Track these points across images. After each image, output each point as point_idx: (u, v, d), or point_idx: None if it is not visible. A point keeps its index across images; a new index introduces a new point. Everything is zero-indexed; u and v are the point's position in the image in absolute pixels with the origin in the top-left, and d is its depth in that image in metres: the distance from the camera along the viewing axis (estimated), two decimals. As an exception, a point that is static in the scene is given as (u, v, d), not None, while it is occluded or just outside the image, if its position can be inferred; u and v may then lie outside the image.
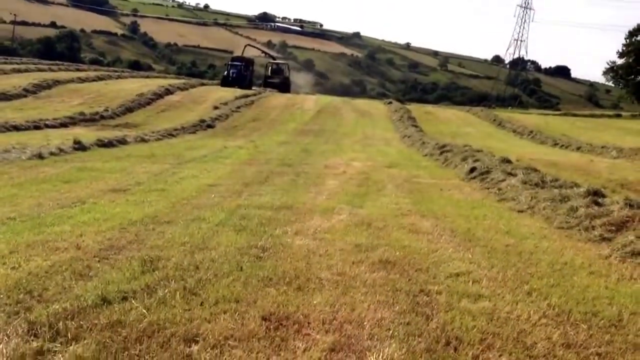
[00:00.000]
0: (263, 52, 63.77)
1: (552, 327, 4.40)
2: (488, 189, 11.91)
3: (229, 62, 53.17)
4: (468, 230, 7.82)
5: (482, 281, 5.44)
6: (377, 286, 5.10)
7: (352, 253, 6.23)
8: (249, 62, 53.22)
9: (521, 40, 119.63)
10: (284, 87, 51.36)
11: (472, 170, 13.83)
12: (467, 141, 22.92)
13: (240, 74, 49.95)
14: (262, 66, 58.34)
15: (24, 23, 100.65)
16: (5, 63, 44.07)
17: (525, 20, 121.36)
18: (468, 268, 5.86)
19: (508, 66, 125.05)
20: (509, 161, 14.70)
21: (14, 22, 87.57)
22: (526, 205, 9.88)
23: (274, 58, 61.97)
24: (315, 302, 4.58)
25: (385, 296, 4.83)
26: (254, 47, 65.53)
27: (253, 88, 49.27)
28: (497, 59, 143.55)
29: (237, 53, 57.17)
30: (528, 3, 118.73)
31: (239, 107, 32.52)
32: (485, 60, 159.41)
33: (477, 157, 15.49)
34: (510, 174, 12.69)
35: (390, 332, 4.06)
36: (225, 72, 51.42)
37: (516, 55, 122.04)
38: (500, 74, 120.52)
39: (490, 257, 6.39)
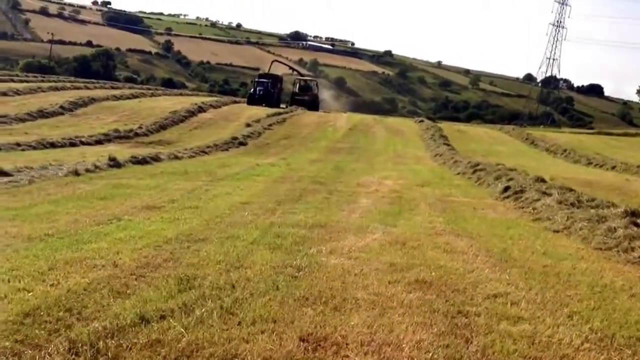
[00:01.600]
0: (291, 68, 61.09)
1: (596, 352, 4.28)
2: (522, 208, 11.74)
3: (256, 79, 51.17)
4: (504, 250, 7.70)
5: (521, 303, 5.33)
6: (414, 307, 5.03)
7: (388, 273, 6.17)
8: (276, 79, 50.89)
9: (553, 59, 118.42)
10: (313, 104, 49.72)
11: (506, 189, 13.66)
12: (500, 160, 22.66)
13: (267, 91, 48.02)
14: (291, 84, 56.00)
15: (61, 42, 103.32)
16: (43, 81, 45.23)
17: (557, 39, 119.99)
18: (506, 289, 5.76)
19: (540, 84, 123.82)
20: (543, 180, 14.48)
21: (51, 41, 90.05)
22: (562, 225, 9.70)
23: (301, 75, 59.67)
24: (352, 322, 4.53)
25: (422, 317, 4.76)
26: (282, 62, 62.46)
27: (281, 106, 48.18)
28: (529, 77, 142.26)
29: (265, 70, 55.43)
30: (560, 22, 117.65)
31: (270, 125, 32.72)
32: (517, 79, 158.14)
33: (511, 176, 15.30)
34: (544, 193, 12.48)
35: (430, 354, 3.99)
36: (252, 90, 49.66)
37: (548, 74, 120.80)
38: (532, 92, 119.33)
39: (528, 279, 6.27)
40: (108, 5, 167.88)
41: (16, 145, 17.23)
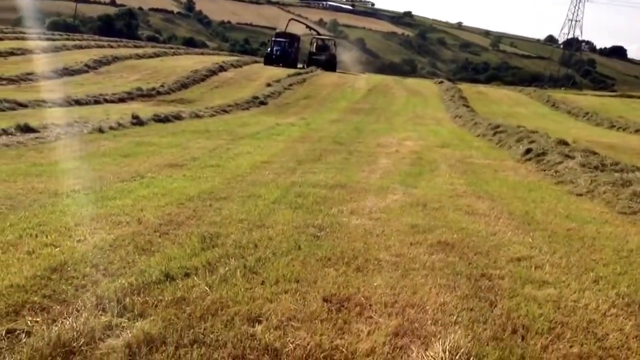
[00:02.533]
0: (308, 26, 58.20)
1: (623, 317, 4.24)
2: (544, 171, 11.62)
3: (273, 39, 48.96)
4: (526, 213, 7.63)
5: (545, 267, 5.29)
6: (436, 269, 5.02)
7: (409, 234, 6.15)
8: (294, 39, 48.73)
9: (576, 20, 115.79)
10: (330, 64, 48.07)
11: (528, 151, 13.51)
12: (520, 122, 22.37)
13: (284, 51, 46.30)
14: (309, 43, 53.74)
15: (86, 1, 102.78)
16: (68, 39, 45.28)
17: (580, 0, 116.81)
18: (529, 253, 5.71)
19: (562, 46, 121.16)
20: (565, 143, 14.28)
21: (76, 0, 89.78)
22: (585, 188, 9.59)
23: (319, 33, 57.03)
24: (375, 284, 4.54)
25: (446, 280, 4.75)
26: (299, 21, 58.96)
27: (298, 66, 46.81)
28: (551, 39, 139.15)
29: (281, 28, 52.71)
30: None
31: (291, 85, 32.51)
32: (538, 41, 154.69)
33: (533, 139, 15.10)
34: (567, 156, 12.35)
35: (454, 317, 3.98)
36: (269, 49, 47.87)
37: (570, 36, 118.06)
38: (553, 54, 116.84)
39: (552, 242, 6.21)
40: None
41: (42, 102, 17.35)
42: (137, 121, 14.70)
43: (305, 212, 6.77)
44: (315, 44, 51.68)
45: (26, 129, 11.60)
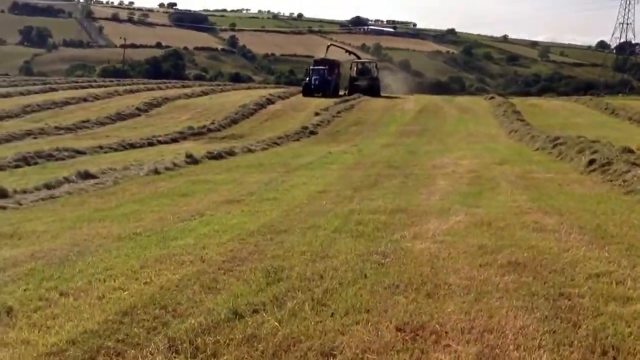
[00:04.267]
0: (347, 51, 55.47)
1: None
2: (611, 181, 11.18)
3: (311, 67, 45.67)
4: (598, 226, 7.31)
5: (627, 282, 5.02)
6: (511, 291, 4.81)
7: (477, 255, 5.95)
8: (333, 65, 45.82)
9: (627, 23, 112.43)
10: (373, 89, 45.25)
11: (591, 162, 13.02)
12: (579, 132, 21.64)
13: (323, 79, 42.92)
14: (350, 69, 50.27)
15: (133, 45, 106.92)
16: (119, 85, 46.88)
17: (629, 2, 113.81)
18: (608, 268, 5.43)
19: (615, 51, 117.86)
20: (630, 151, 13.75)
21: (123, 46, 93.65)
22: (658, 197, 9.14)
23: (359, 57, 54.03)
24: (448, 309, 4.37)
25: (522, 301, 4.54)
26: (338, 46, 56.71)
27: (340, 93, 44.58)
28: (602, 45, 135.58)
29: (320, 55, 49.88)
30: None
31: (339, 112, 32.60)
32: (589, 47, 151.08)
33: (595, 148, 14.58)
34: (634, 164, 11.86)
35: (537, 341, 3.78)
36: (307, 79, 44.28)
37: (623, 39, 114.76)
38: (606, 60, 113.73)
39: (630, 255, 5.90)
40: (174, 7, 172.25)
41: (99, 148, 17.91)
42: (192, 160, 14.95)
43: (367, 240, 6.66)
44: (355, 69, 48.88)
45: (86, 175, 11.94)
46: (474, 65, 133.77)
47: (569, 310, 4.34)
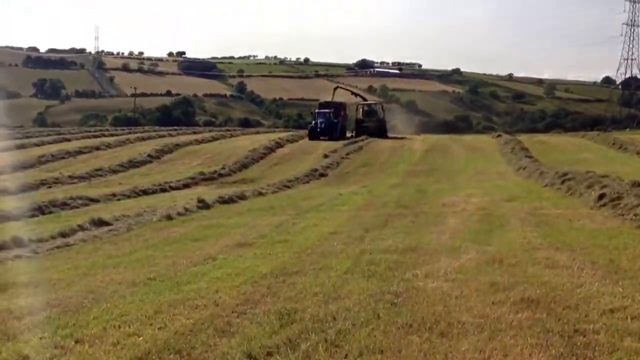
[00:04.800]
0: (353, 93, 55.78)
1: None
2: (622, 215, 11.16)
3: (316, 110, 45.31)
4: (610, 261, 7.30)
5: (642, 317, 4.98)
6: (525, 328, 4.80)
7: (490, 293, 5.96)
8: (339, 107, 45.56)
9: (632, 59, 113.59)
10: (380, 130, 45.10)
11: (601, 197, 13.01)
12: (588, 167, 21.62)
13: (329, 122, 42.62)
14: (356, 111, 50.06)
15: (144, 94, 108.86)
16: (131, 133, 47.56)
17: (633, 38, 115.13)
18: (622, 303, 5.42)
19: (620, 87, 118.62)
20: (640, 185, 13.71)
21: (134, 95, 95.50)
22: (671, 230, 9.11)
23: (364, 99, 54.38)
24: (462, 348, 4.37)
25: (536, 339, 4.53)
26: (344, 88, 56.67)
27: (346, 135, 44.37)
28: (608, 80, 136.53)
29: (326, 98, 49.59)
30: (634, 20, 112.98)
31: (348, 154, 32.82)
32: (595, 83, 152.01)
33: (604, 183, 14.58)
34: (645, 198, 11.81)
35: (553, 378, 3.77)
36: (313, 122, 44.11)
37: (628, 75, 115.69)
38: (612, 95, 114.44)
39: (644, 290, 5.87)
40: (183, 55, 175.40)
41: (112, 196, 18.10)
42: (203, 205, 15.07)
43: (379, 280, 6.68)
44: (361, 111, 48.75)
45: (100, 222, 12.08)
46: (481, 104, 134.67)
47: (585, 347, 4.33)
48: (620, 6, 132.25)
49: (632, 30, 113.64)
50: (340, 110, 45.41)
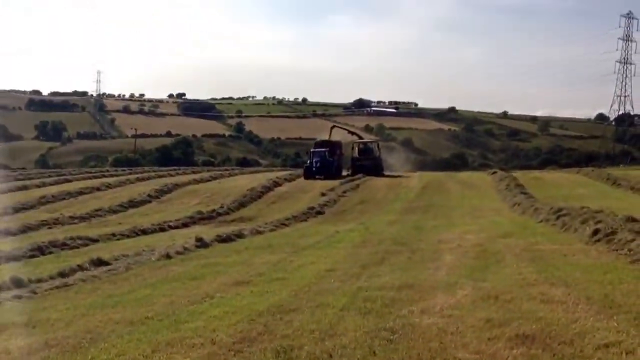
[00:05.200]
0: (349, 131, 55.27)
1: None
2: (616, 251, 11.23)
3: (312, 150, 45.26)
4: (605, 296, 7.36)
5: (637, 351, 5.09)
6: (519, 363, 4.86)
7: (485, 329, 6.01)
8: (335, 146, 45.33)
9: (625, 96, 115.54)
10: (376, 168, 44.77)
11: (596, 232, 13.10)
12: (583, 203, 21.73)
13: (324, 161, 42.32)
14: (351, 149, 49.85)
15: (144, 135, 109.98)
16: (131, 173, 47.76)
17: (626, 76, 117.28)
18: (617, 338, 5.48)
19: (614, 123, 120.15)
20: (634, 220, 13.82)
21: (135, 136, 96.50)
22: (665, 265, 9.19)
23: (360, 137, 54.10)
24: (457, 383, 4.43)
25: (531, 373, 4.59)
26: (341, 127, 56.63)
27: (343, 174, 43.92)
28: (602, 117, 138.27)
29: (323, 137, 49.48)
30: (627, 58, 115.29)
31: (345, 192, 32.91)
32: (589, 120, 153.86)
33: (599, 218, 14.67)
34: (639, 233, 11.92)
35: (546, 411, 3.82)
36: (308, 161, 43.85)
37: (621, 111, 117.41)
38: (606, 131, 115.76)
39: (639, 324, 5.95)
40: (183, 97, 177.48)
41: (112, 236, 18.15)
42: (202, 244, 15.12)
43: (376, 316, 6.73)
44: (357, 149, 48.33)
45: (99, 262, 12.13)
46: (476, 142, 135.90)
47: (578, 380, 4.38)
48: (614, 44, 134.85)
49: (625, 67, 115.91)
50: (336, 149, 45.30)
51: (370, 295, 7.95)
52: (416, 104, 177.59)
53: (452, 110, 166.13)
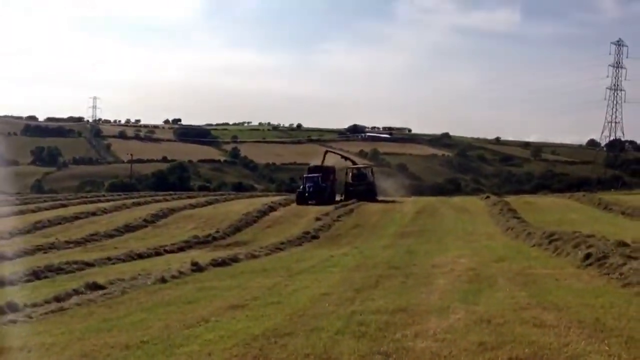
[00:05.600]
0: (343, 156, 54.79)
1: None
2: (608, 274, 11.36)
3: (305, 175, 45.04)
4: (597, 320, 7.46)
5: (626, 374, 5.14)
6: (511, 385, 4.94)
7: (478, 353, 6.10)
8: (328, 171, 44.88)
9: (615, 122, 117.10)
10: (369, 194, 44.51)
11: (587, 256, 13.24)
12: (575, 227, 21.91)
13: (317, 186, 42.07)
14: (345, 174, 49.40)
15: (140, 160, 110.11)
16: (127, 198, 47.67)
17: (617, 102, 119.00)
18: (607, 361, 5.57)
19: (605, 149, 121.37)
20: (625, 244, 14.01)
21: (131, 161, 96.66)
22: (655, 289, 9.31)
23: (354, 162, 53.55)
24: (449, 405, 4.51)
25: (522, 396, 4.67)
26: (334, 152, 56.28)
27: (336, 199, 43.59)
28: (593, 143, 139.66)
29: (317, 162, 49.15)
30: (617, 85, 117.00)
31: (339, 217, 32.99)
32: (580, 146, 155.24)
33: (590, 243, 14.83)
34: (629, 257, 12.08)
35: None
36: (301, 187, 43.57)
37: (612, 137, 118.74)
38: (598, 157, 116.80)
39: (630, 348, 6.06)
40: (179, 122, 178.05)
41: (107, 260, 18.16)
42: (197, 268, 15.16)
43: (370, 340, 6.81)
44: (351, 174, 47.86)
45: (94, 286, 12.15)
46: (469, 167, 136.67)
47: (568, 402, 4.47)
48: (604, 71, 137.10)
49: (615, 94, 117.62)
50: (329, 174, 44.92)
51: (364, 319, 8.02)
52: (410, 130, 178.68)
53: (446, 136, 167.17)
